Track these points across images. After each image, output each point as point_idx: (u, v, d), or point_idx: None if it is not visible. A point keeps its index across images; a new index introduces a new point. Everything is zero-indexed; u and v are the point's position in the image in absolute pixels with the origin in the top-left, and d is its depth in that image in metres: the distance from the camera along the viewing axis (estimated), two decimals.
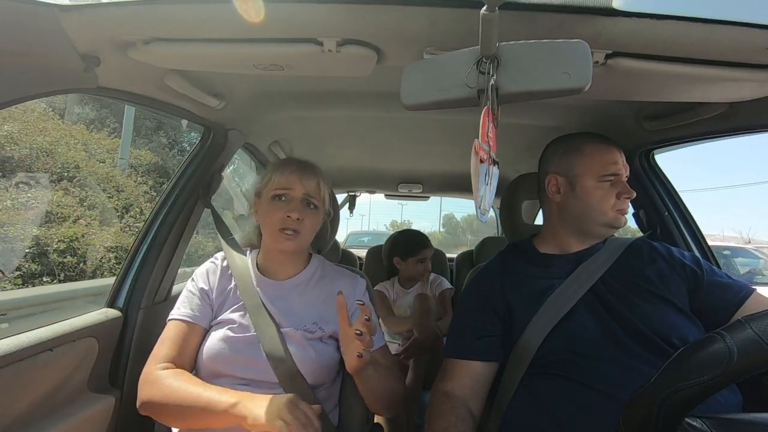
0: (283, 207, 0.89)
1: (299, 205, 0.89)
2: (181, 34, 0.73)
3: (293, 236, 0.88)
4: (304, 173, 0.91)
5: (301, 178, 0.90)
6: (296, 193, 0.90)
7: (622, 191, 0.90)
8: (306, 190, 0.90)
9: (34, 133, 6.15)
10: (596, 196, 0.91)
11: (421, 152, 1.91)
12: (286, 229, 0.88)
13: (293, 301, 0.91)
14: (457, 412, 0.82)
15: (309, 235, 0.93)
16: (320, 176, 0.94)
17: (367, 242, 8.41)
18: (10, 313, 3.16)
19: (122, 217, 6.54)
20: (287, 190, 0.90)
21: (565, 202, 0.96)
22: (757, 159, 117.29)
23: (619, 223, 0.92)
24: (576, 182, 0.93)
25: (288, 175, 0.90)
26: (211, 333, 0.86)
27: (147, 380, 0.80)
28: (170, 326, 0.87)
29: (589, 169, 0.92)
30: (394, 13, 0.65)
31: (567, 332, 0.81)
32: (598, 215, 0.91)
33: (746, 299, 0.83)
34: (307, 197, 0.91)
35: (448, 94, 0.61)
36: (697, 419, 0.45)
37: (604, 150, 0.92)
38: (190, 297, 0.90)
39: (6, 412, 0.75)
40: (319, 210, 0.94)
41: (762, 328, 0.45)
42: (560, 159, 0.97)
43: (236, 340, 0.84)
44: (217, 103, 1.09)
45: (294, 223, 0.88)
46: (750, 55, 0.70)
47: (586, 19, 0.63)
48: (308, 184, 0.91)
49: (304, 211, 0.89)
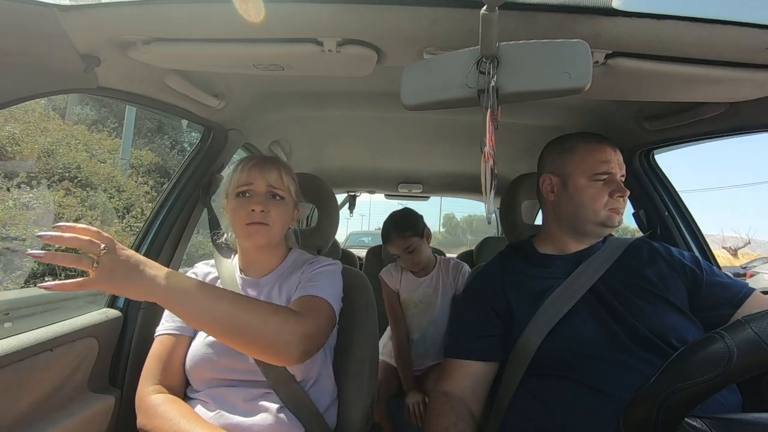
0: (246, 202, 0.89)
1: (262, 198, 0.89)
2: (181, 34, 0.73)
3: (260, 228, 0.88)
4: (264, 167, 0.91)
5: (262, 172, 0.90)
6: (258, 187, 0.90)
7: (615, 190, 0.90)
8: (268, 182, 0.90)
9: (36, 134, 6.16)
10: (588, 195, 0.91)
11: (421, 152, 1.91)
12: (252, 223, 0.88)
13: (273, 297, 0.90)
14: (457, 412, 0.82)
15: (279, 227, 0.91)
16: (282, 167, 0.94)
17: (368, 242, 8.41)
18: (12, 313, 3.17)
19: (123, 218, 6.55)
20: (249, 185, 0.90)
21: (558, 201, 0.96)
22: (757, 159, 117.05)
23: (612, 222, 0.91)
24: (568, 181, 0.94)
25: (248, 170, 0.90)
26: (195, 339, 0.86)
27: (141, 408, 0.80)
28: (156, 342, 0.87)
29: (581, 167, 0.92)
30: (394, 13, 0.65)
31: (567, 332, 0.81)
32: (590, 214, 0.91)
33: (746, 299, 0.83)
34: (271, 189, 0.91)
35: (448, 94, 0.62)
36: (697, 419, 0.45)
37: (596, 149, 0.92)
38: None
39: (6, 412, 0.75)
40: (285, 200, 0.93)
41: (762, 328, 0.45)
42: (554, 159, 0.98)
43: (220, 343, 0.83)
44: (217, 103, 1.09)
45: (259, 215, 0.87)
46: (750, 55, 0.70)
47: (586, 19, 0.63)
48: (270, 176, 0.90)
49: (268, 203, 0.89)
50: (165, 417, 0.76)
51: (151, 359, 0.85)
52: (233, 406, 0.80)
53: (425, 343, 1.54)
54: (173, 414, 0.76)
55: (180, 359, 0.86)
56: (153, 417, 0.77)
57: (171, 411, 0.77)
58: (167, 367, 0.84)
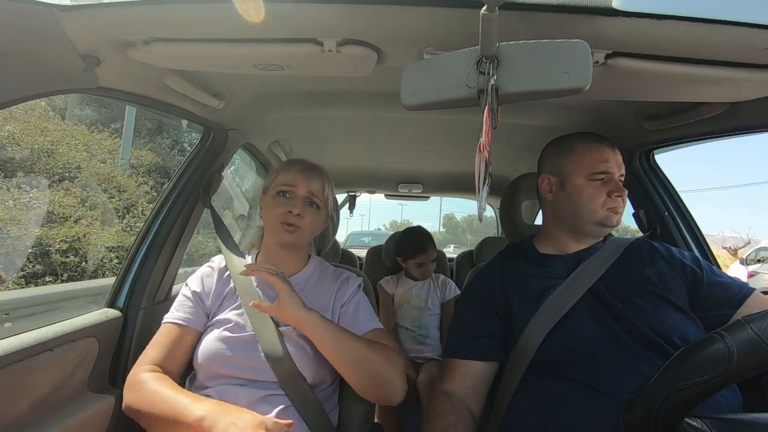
0: (285, 203, 0.92)
1: (301, 203, 0.93)
2: (181, 34, 0.73)
3: (293, 230, 0.91)
4: (309, 173, 0.95)
5: (306, 178, 0.94)
6: (300, 191, 0.94)
7: (613, 189, 0.89)
8: (309, 188, 0.94)
9: (36, 134, 6.16)
10: (586, 195, 0.91)
11: (421, 152, 1.91)
12: (286, 223, 0.91)
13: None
14: (457, 412, 0.82)
15: (308, 232, 0.95)
16: (325, 179, 0.98)
17: (368, 242, 8.40)
18: (12, 313, 3.17)
19: (123, 218, 6.55)
20: (291, 187, 0.94)
21: (557, 201, 0.96)
22: (757, 159, 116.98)
23: (610, 222, 0.91)
24: (567, 181, 0.94)
25: (294, 173, 0.94)
26: (208, 333, 0.86)
27: (129, 384, 0.80)
28: (162, 329, 0.87)
29: (579, 167, 0.92)
30: (394, 13, 0.65)
31: (567, 332, 0.81)
32: (588, 213, 0.91)
33: (746, 299, 0.83)
34: (310, 196, 0.94)
35: (448, 94, 0.62)
36: (697, 419, 0.45)
37: (595, 149, 0.92)
38: (183, 301, 0.90)
39: (6, 412, 0.75)
40: (320, 210, 0.97)
41: (762, 328, 0.45)
42: (553, 159, 0.98)
43: (234, 340, 0.84)
44: (217, 103, 1.09)
45: (294, 218, 0.91)
46: (750, 55, 0.70)
47: (586, 19, 0.63)
48: (312, 184, 0.94)
49: (305, 209, 0.93)
50: (151, 390, 0.76)
51: (152, 345, 0.85)
52: (238, 404, 0.79)
53: (420, 329, 1.76)
54: (159, 387, 0.76)
55: (184, 350, 0.86)
56: (139, 391, 0.77)
57: (158, 386, 0.77)
58: (169, 353, 0.84)
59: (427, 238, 1.86)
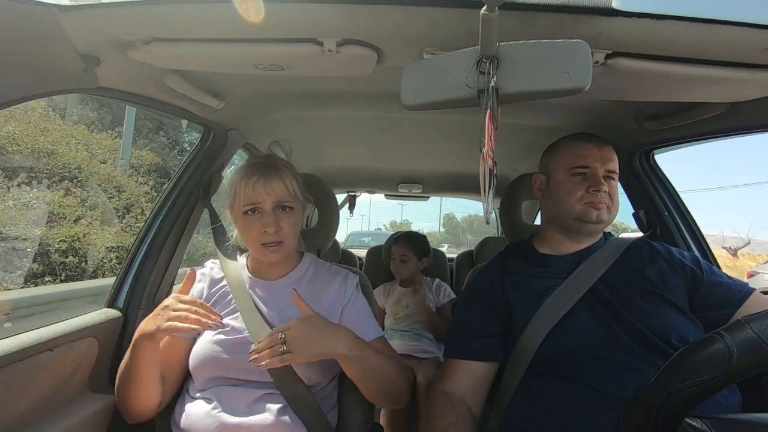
0: (257, 221, 0.86)
1: (272, 218, 0.85)
2: (181, 34, 0.73)
3: (275, 248, 0.87)
4: (268, 180, 0.85)
5: (266, 188, 0.85)
6: (266, 205, 0.86)
7: (591, 184, 0.88)
8: (275, 198, 0.86)
9: (36, 134, 6.16)
10: (564, 189, 0.91)
11: (421, 152, 1.91)
12: (266, 244, 0.86)
13: (285, 300, 0.90)
14: (457, 412, 0.82)
15: (292, 239, 0.90)
16: (284, 174, 0.88)
17: (368, 242, 8.40)
18: (12, 313, 3.17)
19: (123, 218, 6.55)
20: (256, 204, 0.86)
21: (545, 199, 0.98)
22: (757, 159, 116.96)
23: (588, 217, 0.88)
24: (551, 178, 0.95)
25: (253, 187, 0.85)
26: (202, 337, 0.86)
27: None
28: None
29: (561, 163, 0.93)
30: (394, 13, 0.65)
31: (567, 332, 0.81)
32: (566, 208, 0.91)
33: (746, 299, 0.83)
34: (278, 203, 0.87)
35: (448, 95, 0.62)
36: (697, 419, 0.45)
37: (578, 145, 0.93)
38: None
39: (6, 412, 0.75)
40: (295, 209, 0.90)
41: (762, 328, 0.45)
42: (545, 159, 1.00)
43: (229, 342, 0.84)
44: (217, 103, 1.09)
45: (272, 236, 0.85)
46: (750, 55, 0.70)
47: (586, 19, 0.63)
48: (276, 191, 0.86)
49: (279, 218, 0.86)
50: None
51: None
52: (235, 405, 0.79)
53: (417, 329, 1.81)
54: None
55: (179, 356, 0.87)
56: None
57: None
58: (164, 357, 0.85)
59: (407, 235, 1.92)
